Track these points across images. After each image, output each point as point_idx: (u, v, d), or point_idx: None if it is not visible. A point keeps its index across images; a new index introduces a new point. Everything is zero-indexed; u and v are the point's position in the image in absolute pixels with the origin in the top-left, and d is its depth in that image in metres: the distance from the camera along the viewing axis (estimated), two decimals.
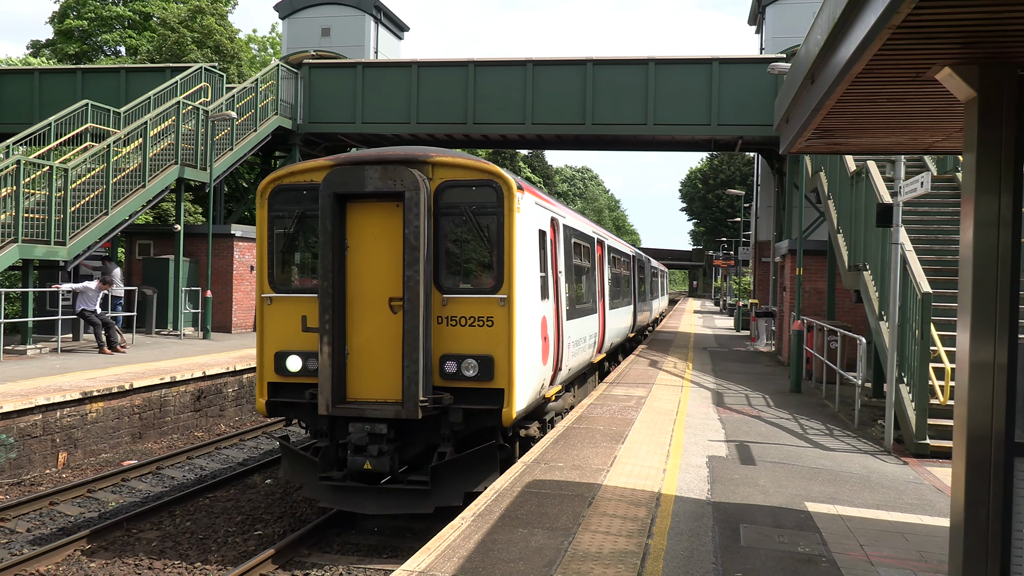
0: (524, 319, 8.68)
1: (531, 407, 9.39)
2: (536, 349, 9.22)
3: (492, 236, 8.54)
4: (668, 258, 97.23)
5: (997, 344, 3.95)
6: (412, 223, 8.29)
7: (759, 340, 27.17)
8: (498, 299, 8.45)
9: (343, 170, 8.59)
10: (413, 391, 8.23)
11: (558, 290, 10.79)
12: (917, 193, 10.08)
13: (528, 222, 9.04)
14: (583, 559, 5.90)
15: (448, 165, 8.66)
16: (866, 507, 7.68)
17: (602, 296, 15.85)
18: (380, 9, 28.77)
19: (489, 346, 8.46)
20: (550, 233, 10.51)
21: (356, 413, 8.51)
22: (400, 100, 25.17)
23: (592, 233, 15.14)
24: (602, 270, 16.15)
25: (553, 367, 10.38)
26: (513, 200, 8.48)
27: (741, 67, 23.60)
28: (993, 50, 3.95)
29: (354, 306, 8.76)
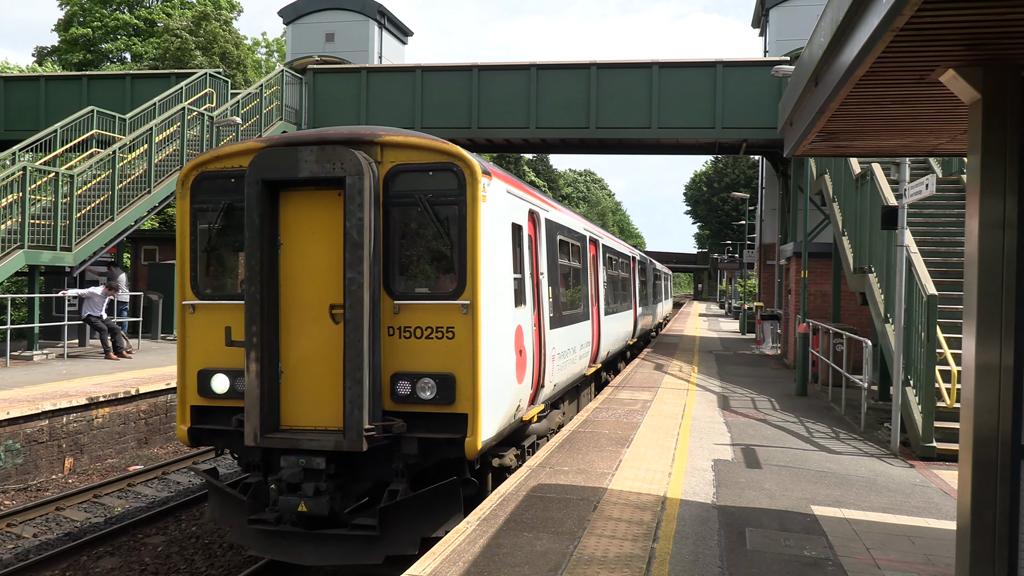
0: (492, 329, 7.41)
1: (504, 433, 8.09)
2: (508, 364, 7.94)
3: (452, 230, 7.22)
4: (673, 261, 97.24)
5: (1003, 346, 3.94)
6: (355, 215, 6.98)
7: (764, 343, 27.12)
8: (460, 306, 7.13)
9: (273, 152, 7.23)
10: (356, 418, 6.91)
11: (539, 295, 9.52)
12: (922, 195, 10.06)
13: (497, 214, 7.77)
14: (588, 563, 5.89)
15: (400, 146, 7.33)
16: (872, 510, 7.65)
17: (596, 301, 14.66)
18: (384, 14, 28.84)
19: (449, 362, 7.14)
20: (528, 228, 9.26)
21: (289, 444, 7.10)
22: (404, 105, 25.22)
23: (583, 230, 13.74)
24: (596, 272, 14.91)
25: (533, 384, 9.11)
26: (477, 187, 7.19)
27: (745, 70, 23.58)
28: (997, 52, 3.94)
29: (289, 315, 7.41)
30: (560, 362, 10.63)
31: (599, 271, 15.22)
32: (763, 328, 27.58)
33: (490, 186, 7.51)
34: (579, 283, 12.92)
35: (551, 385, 10.12)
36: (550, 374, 9.91)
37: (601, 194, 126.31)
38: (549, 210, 10.63)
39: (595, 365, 14.52)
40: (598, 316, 14.58)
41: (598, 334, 14.49)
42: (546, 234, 10.14)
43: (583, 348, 12.66)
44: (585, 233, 13.81)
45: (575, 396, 13.71)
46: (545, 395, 9.90)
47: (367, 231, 7.02)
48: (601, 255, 15.60)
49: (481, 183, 7.24)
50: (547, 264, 10.06)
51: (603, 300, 15.26)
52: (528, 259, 9.06)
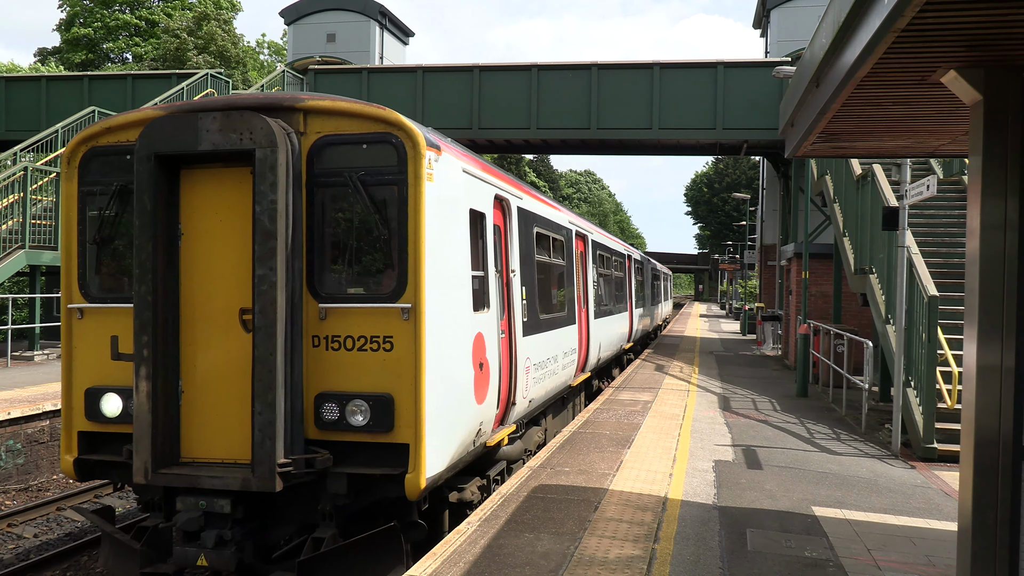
0: (441, 338, 6.18)
1: (460, 464, 6.86)
2: (464, 381, 6.66)
3: (391, 216, 5.98)
4: (674, 262, 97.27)
5: (1004, 347, 3.94)
6: (266, 196, 5.73)
7: (765, 344, 27.11)
8: (399, 310, 5.89)
9: (168, 121, 5.96)
10: (267, 450, 5.63)
11: (509, 297, 8.30)
12: (923, 196, 10.06)
13: (449, 197, 6.51)
14: (589, 564, 5.89)
15: (327, 112, 6.10)
16: (873, 511, 7.65)
17: (584, 302, 13.39)
18: (385, 15, 28.85)
19: (387, 380, 5.91)
20: (495, 217, 8.03)
21: (186, 482, 5.81)
22: (405, 105, 25.21)
23: (568, 224, 12.32)
24: (584, 271, 13.61)
25: (501, 402, 7.90)
26: (421, 163, 5.92)
27: (746, 71, 23.58)
28: (998, 53, 3.94)
29: (193, 322, 6.16)
30: (537, 374, 9.35)
31: (588, 270, 13.96)
32: (764, 329, 27.58)
33: (439, 163, 6.29)
34: (563, 283, 11.73)
35: (525, 401, 8.83)
36: (523, 389, 8.64)
37: (602, 195, 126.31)
38: (524, 198, 9.31)
39: (584, 374, 13.39)
40: (587, 319, 13.45)
41: (587, 339, 13.35)
42: (519, 225, 8.86)
43: (568, 356, 11.47)
44: (570, 227, 12.53)
45: (561, 409, 12.48)
46: (518, 413, 8.58)
47: (282, 217, 5.79)
48: (591, 252, 14.40)
49: (427, 158, 6.01)
50: (520, 260, 8.79)
51: (592, 302, 14.09)
52: (494, 254, 7.83)
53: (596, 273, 14.92)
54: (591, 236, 14.57)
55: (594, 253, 14.80)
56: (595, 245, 15.03)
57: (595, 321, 14.13)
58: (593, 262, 14.58)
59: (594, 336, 13.98)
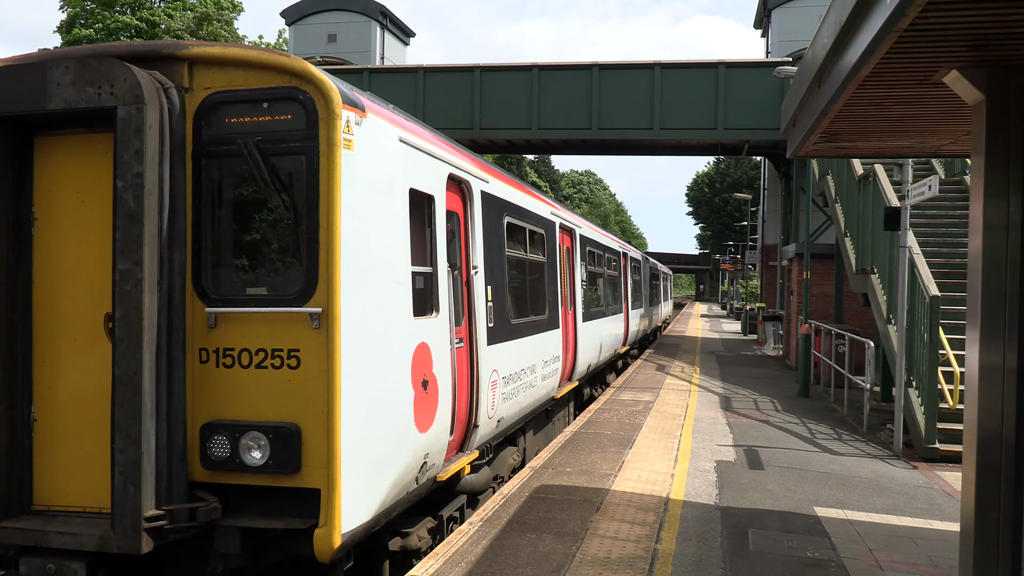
0: (366, 351, 4.95)
1: (399, 507, 5.63)
2: (399, 405, 5.41)
3: (297, 195, 4.76)
4: (675, 262, 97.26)
5: (1007, 347, 3.94)
6: (130, 169, 4.49)
7: (766, 344, 27.11)
8: (307, 315, 4.68)
9: (12, 73, 4.74)
10: (131, 498, 4.40)
11: (470, 299, 7.09)
12: (925, 196, 10.06)
13: (378, 172, 5.23)
14: (591, 564, 5.89)
15: (218, 62, 4.88)
16: (875, 511, 7.65)
17: (571, 304, 12.18)
18: (386, 15, 28.86)
19: (292, 406, 4.70)
20: (450, 202, 6.75)
21: (30, 539, 4.62)
22: (406, 106, 25.18)
23: (551, 216, 10.97)
24: (571, 269, 12.44)
25: (458, 426, 6.75)
26: (336, 126, 4.68)
27: (747, 71, 23.57)
28: (1000, 53, 3.94)
29: (50, 332, 4.96)
30: (509, 388, 8.13)
31: (575, 268, 12.68)
32: (765, 329, 27.58)
33: (363, 127, 5.02)
34: (544, 282, 10.31)
35: (492, 422, 7.60)
36: (489, 408, 7.41)
37: (603, 195, 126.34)
38: (491, 181, 7.96)
39: (571, 383, 12.25)
40: (573, 323, 12.22)
41: (573, 345, 12.13)
42: (485, 213, 7.54)
43: (549, 365, 10.19)
44: (553, 219, 11.16)
45: (544, 423, 11.19)
46: (483, 437, 7.41)
47: (153, 195, 4.54)
48: (578, 248, 13.08)
49: (344, 120, 4.74)
50: (485, 255, 7.48)
51: (581, 303, 12.83)
52: (447, 247, 6.55)
53: (585, 272, 13.66)
54: (579, 231, 13.29)
55: (583, 249, 13.56)
56: (584, 241, 13.79)
57: (584, 325, 12.92)
58: (582, 259, 13.35)
59: (583, 341, 12.77)
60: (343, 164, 4.74)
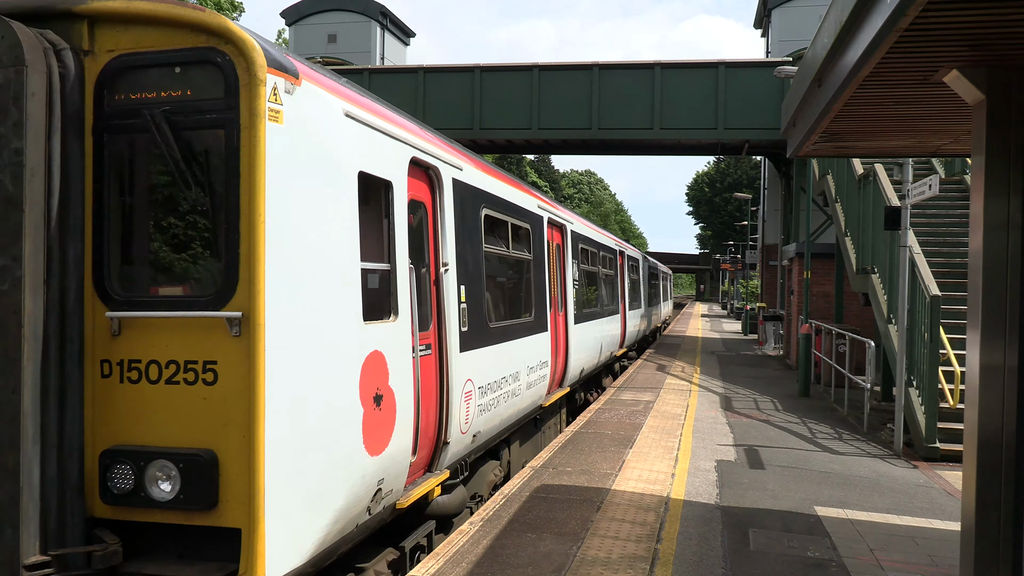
0: (299, 363, 4.22)
1: (346, 542, 4.93)
2: (344, 425, 4.65)
3: (214, 176, 4.03)
4: (675, 262, 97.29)
5: (1007, 347, 3.94)
6: (7, 144, 3.82)
7: (767, 344, 27.11)
8: (224, 320, 3.96)
9: None
10: (9, 542, 3.75)
11: (439, 300, 6.35)
12: (925, 196, 10.06)
13: (316, 150, 4.48)
14: (592, 564, 5.89)
15: (123, 19, 4.11)
16: (876, 511, 7.65)
17: (561, 304, 11.40)
18: (386, 15, 28.88)
19: (207, 429, 3.99)
20: (414, 190, 6.00)
21: None
22: (406, 106, 25.21)
23: (538, 209, 10.16)
24: (562, 267, 11.65)
25: (425, 443, 6.07)
26: (259, 93, 3.96)
27: (747, 71, 23.58)
28: (1001, 52, 3.94)
29: None
30: (487, 398, 7.41)
31: (566, 266, 11.92)
32: (765, 329, 27.58)
33: (296, 97, 4.25)
34: (530, 281, 9.61)
35: (467, 437, 6.90)
36: (462, 421, 6.67)
37: (604, 195, 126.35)
38: (465, 168, 7.17)
39: (562, 389, 11.48)
40: (564, 326, 11.48)
41: (564, 349, 11.48)
42: (458, 204, 6.84)
43: (537, 371, 9.49)
44: (541, 213, 10.29)
45: (532, 433, 10.45)
46: (456, 454, 6.70)
47: (38, 176, 3.85)
48: (570, 245, 12.27)
49: (271, 87, 4.01)
50: (459, 252, 6.79)
51: (572, 304, 12.08)
52: (410, 241, 5.76)
53: (577, 270, 12.89)
54: (571, 227, 12.47)
55: (575, 247, 12.77)
56: (577, 238, 12.97)
57: (576, 327, 12.16)
58: (574, 257, 12.60)
59: (575, 344, 12.02)
60: (269, 139, 4.01)
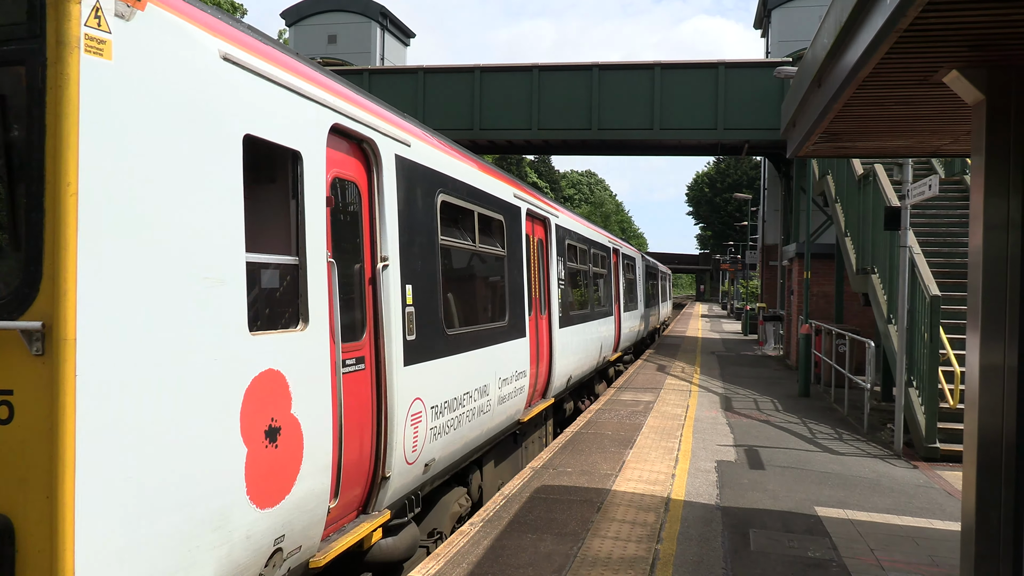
0: (132, 395, 3.10)
1: None
2: (214, 474, 3.55)
3: (14, 134, 2.96)
4: (675, 262, 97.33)
5: (1007, 347, 3.94)
6: None
7: (767, 344, 27.11)
8: (19, 333, 2.87)
9: None
10: None
11: (377, 302, 5.32)
12: (925, 196, 10.06)
13: (168, 99, 3.41)
14: (592, 564, 5.89)
15: None
16: (876, 511, 7.65)
17: (544, 307, 10.40)
18: (386, 16, 28.89)
19: None
20: (340, 166, 4.96)
21: None
22: (406, 106, 25.24)
23: (513, 199, 8.95)
24: (545, 265, 10.62)
25: (350, 485, 4.95)
26: (70, 14, 2.91)
27: (747, 71, 23.59)
28: (1001, 53, 3.94)
29: None
30: (443, 420, 6.26)
31: (550, 264, 10.82)
32: (765, 329, 27.59)
33: (133, 24, 3.20)
34: (502, 281, 8.48)
35: (415, 468, 5.77)
36: (408, 449, 5.56)
37: (604, 195, 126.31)
38: (413, 143, 6.03)
39: (544, 401, 10.32)
40: (547, 330, 10.41)
41: (547, 356, 10.38)
42: (403, 187, 5.73)
43: (511, 383, 8.38)
44: (518, 204, 9.09)
45: (509, 451, 9.21)
46: (401, 489, 5.59)
47: None
48: (554, 241, 11.10)
49: (91, 7, 2.99)
50: (402, 244, 5.64)
51: (557, 305, 10.96)
52: (323, 228, 4.52)
53: (564, 269, 11.79)
54: (555, 220, 11.20)
55: (561, 243, 11.65)
56: (563, 233, 11.78)
57: (561, 331, 11.04)
58: (559, 255, 11.44)
59: (560, 350, 10.88)
60: (86, 79, 2.92)
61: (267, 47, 4.24)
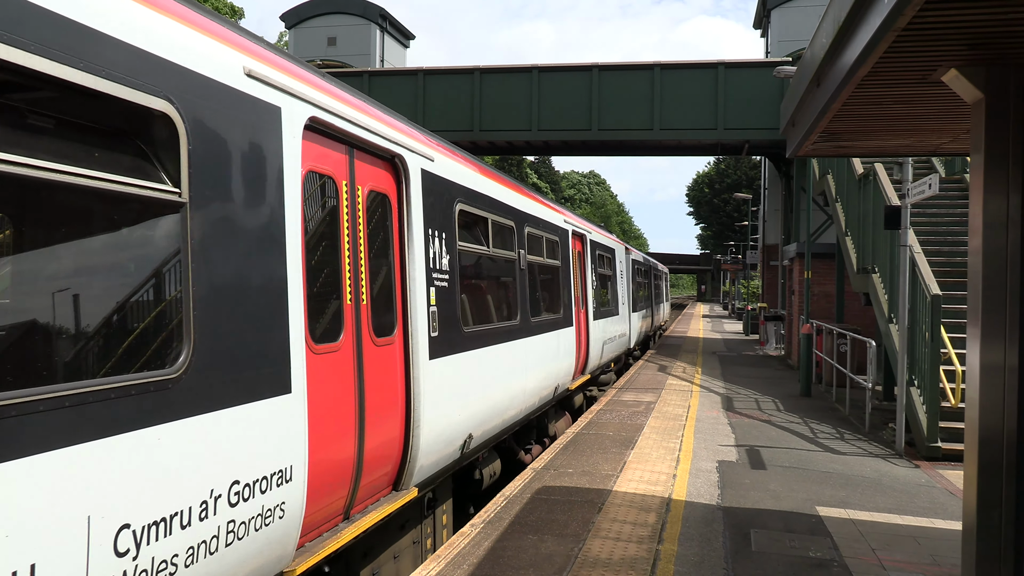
0: None
1: None
2: None
3: None
4: (676, 262, 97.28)
5: (1008, 345, 3.93)
6: None
7: (768, 344, 27.09)
8: None
9: None
10: None
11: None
12: (925, 195, 10.05)
13: None
14: (593, 565, 5.89)
15: None
16: (878, 511, 7.64)
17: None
18: (386, 18, 28.90)
19: None
20: None
21: None
22: (406, 108, 25.26)
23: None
24: (399, 245, 6.21)
25: None
26: None
27: (747, 71, 23.59)
28: (999, 51, 3.94)
29: None
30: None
31: (408, 244, 6.13)
32: (766, 329, 27.56)
33: None
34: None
35: None
36: None
37: (605, 196, 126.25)
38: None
39: (401, 496, 5.70)
40: (402, 364, 5.75)
41: (403, 415, 5.80)
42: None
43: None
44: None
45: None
46: None
47: None
48: (416, 203, 6.10)
49: None
50: None
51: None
52: None
53: (444, 252, 6.59)
54: (413, 158, 6.03)
55: (436, 208, 6.48)
56: (433, 185, 6.41)
57: (434, 367, 6.14)
58: (429, 227, 6.32)
59: (432, 400, 6.07)
60: None
61: None
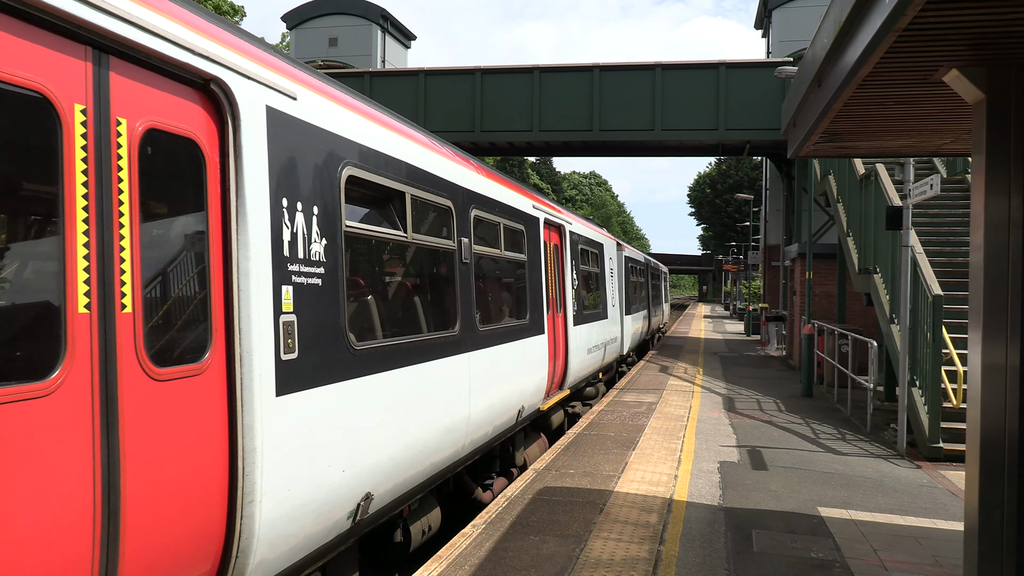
0: None
1: None
2: None
3: None
4: (678, 263, 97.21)
5: (1009, 346, 3.93)
6: None
7: (769, 344, 27.07)
8: None
9: None
10: None
11: None
12: (927, 195, 10.04)
13: None
14: (595, 566, 5.89)
15: None
16: (879, 511, 7.63)
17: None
18: (387, 18, 28.90)
19: None
20: None
21: None
22: (407, 109, 25.27)
23: None
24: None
25: None
26: None
27: (748, 71, 23.58)
28: (1000, 51, 3.94)
29: None
30: None
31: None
32: (768, 330, 27.55)
33: None
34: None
35: None
36: None
37: (606, 196, 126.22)
38: None
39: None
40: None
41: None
42: None
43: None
44: None
45: None
46: None
47: None
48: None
49: None
50: None
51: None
52: None
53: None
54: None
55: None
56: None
57: (279, 403, 3.89)
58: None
59: (260, 483, 3.70)
60: None
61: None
